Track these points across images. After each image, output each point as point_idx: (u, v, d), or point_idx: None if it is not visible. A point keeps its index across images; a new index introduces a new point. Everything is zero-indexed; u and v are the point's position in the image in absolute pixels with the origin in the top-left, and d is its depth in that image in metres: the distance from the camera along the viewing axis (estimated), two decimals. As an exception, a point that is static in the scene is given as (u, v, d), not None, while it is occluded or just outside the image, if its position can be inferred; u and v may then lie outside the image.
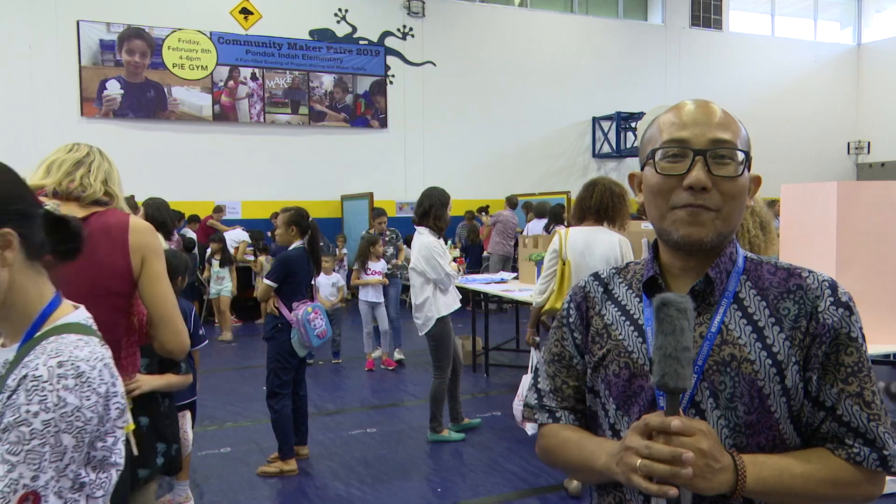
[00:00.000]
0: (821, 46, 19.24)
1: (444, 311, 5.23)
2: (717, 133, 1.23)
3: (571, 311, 1.44)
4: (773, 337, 1.22)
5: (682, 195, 1.22)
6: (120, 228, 2.23)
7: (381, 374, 7.62)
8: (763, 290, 1.26)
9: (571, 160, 16.36)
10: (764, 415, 1.20)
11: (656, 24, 17.33)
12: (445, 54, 14.98)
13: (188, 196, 12.67)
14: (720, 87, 17.04)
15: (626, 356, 1.31)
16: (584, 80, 16.22)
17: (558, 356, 1.44)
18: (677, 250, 1.29)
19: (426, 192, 5.31)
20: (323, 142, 14.03)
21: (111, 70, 12.50)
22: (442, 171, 14.54)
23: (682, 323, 1.09)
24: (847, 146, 19.43)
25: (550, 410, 1.41)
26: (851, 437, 1.20)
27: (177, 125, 13.00)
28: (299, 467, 4.84)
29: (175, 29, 12.88)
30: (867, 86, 19.39)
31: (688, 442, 1.08)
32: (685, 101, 1.30)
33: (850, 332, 1.22)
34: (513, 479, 4.68)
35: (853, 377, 1.21)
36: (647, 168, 1.29)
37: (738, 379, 1.20)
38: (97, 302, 2.00)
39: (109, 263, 2.18)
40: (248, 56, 13.42)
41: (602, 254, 4.23)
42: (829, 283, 1.25)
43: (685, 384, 1.08)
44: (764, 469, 1.16)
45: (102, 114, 12.39)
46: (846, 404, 1.20)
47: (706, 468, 1.09)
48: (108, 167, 2.35)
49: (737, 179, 1.23)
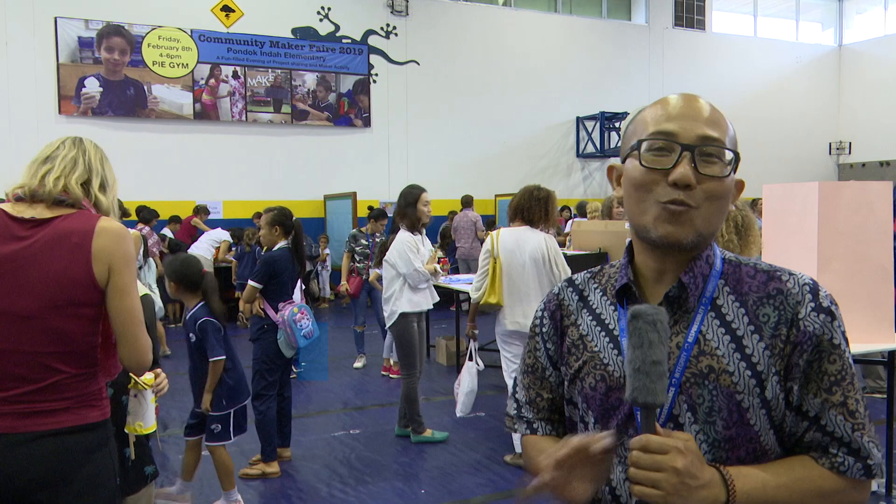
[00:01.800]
0: (802, 47, 19.45)
1: (406, 307, 5.17)
2: (707, 129, 1.18)
3: (545, 321, 1.40)
4: (753, 346, 1.18)
5: (664, 191, 1.17)
6: (83, 233, 1.99)
7: (363, 376, 7.61)
8: (742, 296, 1.22)
9: (555, 160, 16.42)
10: (743, 428, 1.17)
11: (640, 25, 17.44)
12: (429, 53, 14.99)
13: (168, 196, 12.59)
14: (703, 87, 17.16)
15: (603, 369, 1.27)
16: (568, 80, 16.29)
17: (531, 367, 1.41)
18: (654, 250, 1.23)
19: (402, 191, 5.40)
20: (305, 141, 13.98)
21: (90, 68, 12.39)
22: (425, 170, 14.54)
23: (652, 336, 1.04)
24: (829, 147, 19.66)
25: (528, 421, 1.40)
26: (836, 447, 1.17)
27: (157, 124, 12.90)
28: (282, 469, 4.83)
29: (155, 26, 12.79)
30: (848, 87, 19.62)
31: (661, 460, 1.04)
32: (672, 95, 1.25)
33: (832, 339, 1.18)
34: (497, 480, 4.69)
35: (836, 386, 1.17)
36: (630, 160, 1.23)
37: (717, 392, 1.17)
38: (61, 313, 1.96)
39: (68, 273, 1.96)
40: (230, 54, 13.35)
41: (530, 251, 4.78)
42: (811, 287, 1.21)
43: (656, 399, 1.05)
44: (747, 481, 1.12)
45: (81, 112, 12.28)
46: (830, 415, 1.16)
47: (681, 486, 1.04)
48: (89, 161, 2.14)
49: (723, 180, 1.18)
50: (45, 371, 1.97)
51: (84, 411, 2.02)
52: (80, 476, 2.01)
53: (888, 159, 18.41)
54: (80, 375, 2.02)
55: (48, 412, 1.97)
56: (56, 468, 1.98)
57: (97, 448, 2.05)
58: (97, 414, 2.06)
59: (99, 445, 2.06)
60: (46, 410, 1.97)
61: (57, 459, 1.97)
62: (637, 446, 1.06)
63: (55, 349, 1.98)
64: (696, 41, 17.90)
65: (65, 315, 1.98)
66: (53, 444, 1.97)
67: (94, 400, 2.06)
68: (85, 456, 2.02)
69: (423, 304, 5.30)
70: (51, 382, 1.97)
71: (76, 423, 2.00)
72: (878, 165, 18.67)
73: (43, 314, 1.96)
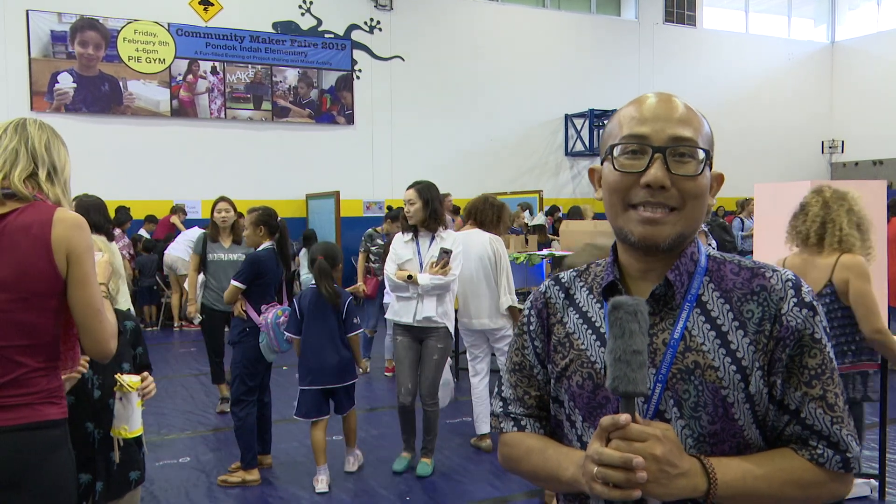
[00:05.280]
0: (794, 44, 19.63)
1: (389, 314, 5.08)
2: (678, 130, 1.23)
3: (532, 319, 1.43)
4: (738, 342, 1.22)
5: (639, 193, 1.22)
6: (41, 224, 1.99)
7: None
8: (726, 293, 1.26)
9: (544, 158, 16.47)
10: (728, 423, 1.21)
11: (629, 20, 17.52)
12: (414, 49, 14.99)
13: (145, 195, 12.51)
14: (693, 83, 17.28)
15: (589, 366, 1.30)
16: (557, 77, 16.34)
17: (519, 365, 1.44)
18: (635, 251, 1.28)
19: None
20: (287, 138, 13.94)
21: (63, 62, 12.30)
22: (410, 169, 14.51)
23: (632, 326, 1.09)
24: (821, 145, 19.84)
25: (516, 418, 1.42)
26: (815, 440, 1.22)
27: (133, 121, 12.82)
28: (262, 477, 4.81)
29: (131, 20, 12.71)
30: (841, 84, 19.81)
31: (640, 447, 1.08)
32: (647, 95, 1.29)
33: (813, 334, 1.23)
34: (483, 486, 4.71)
35: (816, 380, 1.22)
36: (606, 164, 1.28)
37: (702, 388, 1.21)
38: (24, 306, 1.98)
39: (32, 265, 1.98)
40: (209, 49, 13.29)
41: (476, 252, 5.16)
42: (794, 283, 1.25)
43: (637, 388, 1.08)
44: (728, 472, 1.16)
45: (54, 108, 12.18)
46: (810, 407, 1.21)
47: (660, 473, 1.09)
48: (33, 149, 2.08)
49: (696, 178, 1.23)
50: (9, 365, 1.98)
51: (44, 408, 2.02)
52: (38, 477, 2.00)
53: (881, 158, 18.60)
54: (42, 370, 2.03)
55: (8, 407, 1.97)
56: (11, 468, 1.96)
57: (56, 447, 2.05)
58: (56, 411, 2.06)
59: (58, 445, 2.06)
60: (6, 406, 1.97)
61: (14, 458, 1.96)
62: (607, 424, 1.11)
63: (20, 342, 1.99)
64: (686, 37, 18.01)
65: (31, 307, 1.99)
66: (10, 442, 1.96)
67: (54, 397, 2.06)
68: (43, 455, 2.01)
69: (403, 316, 4.82)
70: (14, 377, 1.98)
71: (35, 420, 2.00)
72: (871, 164, 18.86)
73: (10, 307, 1.97)
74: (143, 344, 2.90)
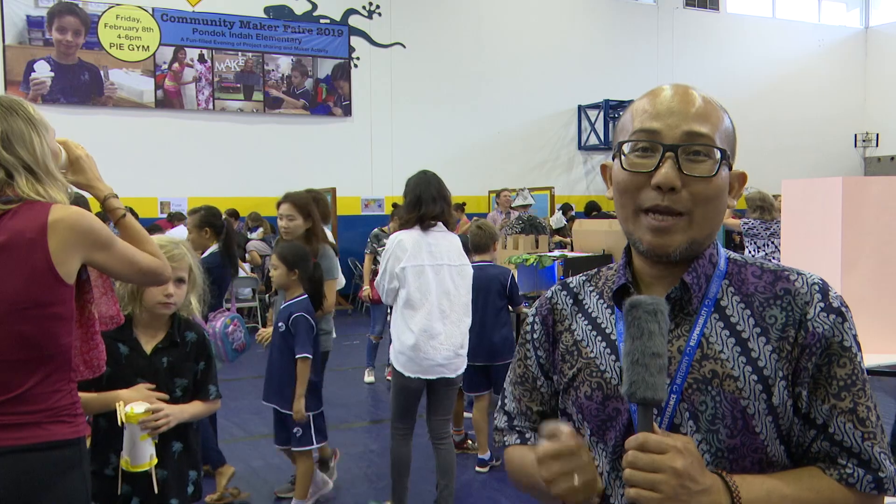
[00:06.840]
0: (825, 29, 19.58)
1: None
2: (693, 125, 1.21)
3: (536, 326, 1.42)
4: (759, 349, 1.20)
5: (650, 195, 1.21)
6: (35, 229, 1.94)
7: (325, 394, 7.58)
8: (747, 297, 1.25)
9: (555, 152, 16.46)
10: (749, 437, 1.19)
11: (647, 4, 17.50)
12: (416, 35, 14.99)
13: (128, 192, 12.49)
14: (716, 72, 17.25)
15: (599, 376, 1.29)
16: (569, 65, 16.32)
17: (522, 378, 1.44)
18: (647, 258, 1.28)
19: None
20: (279, 131, 13.95)
21: (40, 50, 12.33)
22: (412, 164, 14.41)
23: (652, 326, 1.07)
24: (854, 138, 19.79)
25: (520, 432, 1.42)
26: (844, 457, 1.19)
27: (114, 112, 12.85)
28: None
29: (112, 4, 12.74)
30: (876, 73, 19.75)
31: (659, 460, 1.06)
32: (662, 87, 1.28)
33: (842, 341, 1.20)
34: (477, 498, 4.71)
35: (846, 391, 1.19)
36: (616, 161, 1.27)
37: (720, 399, 1.19)
38: (25, 316, 1.95)
39: (29, 273, 1.94)
40: (196, 35, 13.31)
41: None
42: (820, 287, 1.24)
43: (656, 394, 1.07)
44: (751, 490, 1.14)
45: (30, 98, 12.18)
46: (838, 422, 1.19)
47: (681, 489, 1.06)
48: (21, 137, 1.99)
49: (711, 180, 1.20)
50: (11, 381, 1.95)
51: (53, 427, 1.99)
52: (47, 501, 1.98)
53: (919, 152, 18.56)
54: (49, 385, 2.00)
55: (12, 426, 1.95)
56: (18, 491, 1.94)
57: (66, 470, 2.02)
58: (68, 431, 2.03)
59: (68, 467, 2.02)
60: (11, 424, 1.94)
61: (20, 481, 1.95)
62: (633, 445, 1.08)
63: (21, 356, 1.96)
64: (709, 22, 17.99)
65: (30, 318, 1.96)
66: (15, 463, 1.94)
67: (65, 415, 2.03)
68: (51, 479, 1.99)
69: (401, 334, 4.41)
70: (17, 394, 1.95)
71: (42, 440, 1.97)
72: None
73: (6, 319, 1.94)
74: (209, 359, 2.72)
